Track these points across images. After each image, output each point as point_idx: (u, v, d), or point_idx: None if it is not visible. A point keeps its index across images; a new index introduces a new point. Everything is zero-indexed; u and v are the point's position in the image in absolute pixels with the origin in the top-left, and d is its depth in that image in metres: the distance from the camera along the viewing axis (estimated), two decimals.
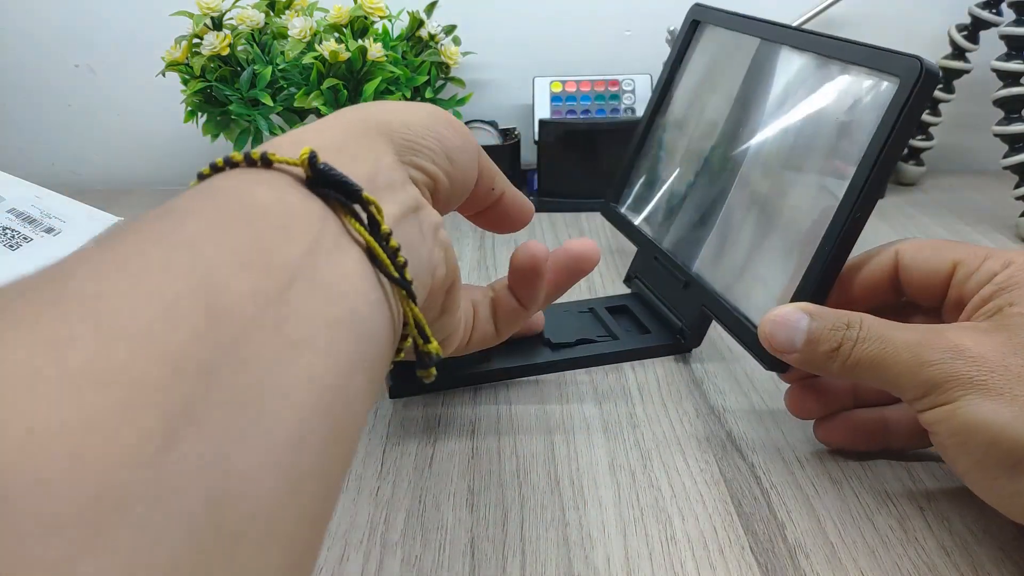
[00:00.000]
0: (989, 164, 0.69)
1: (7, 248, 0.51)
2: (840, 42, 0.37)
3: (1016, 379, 0.27)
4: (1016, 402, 0.27)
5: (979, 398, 0.27)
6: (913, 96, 0.31)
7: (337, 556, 0.30)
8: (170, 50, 0.58)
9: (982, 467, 0.28)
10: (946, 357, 0.28)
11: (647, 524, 0.31)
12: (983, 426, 0.27)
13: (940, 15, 0.70)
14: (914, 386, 0.29)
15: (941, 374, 0.28)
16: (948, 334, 0.29)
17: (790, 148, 0.40)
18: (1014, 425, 0.27)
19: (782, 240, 0.38)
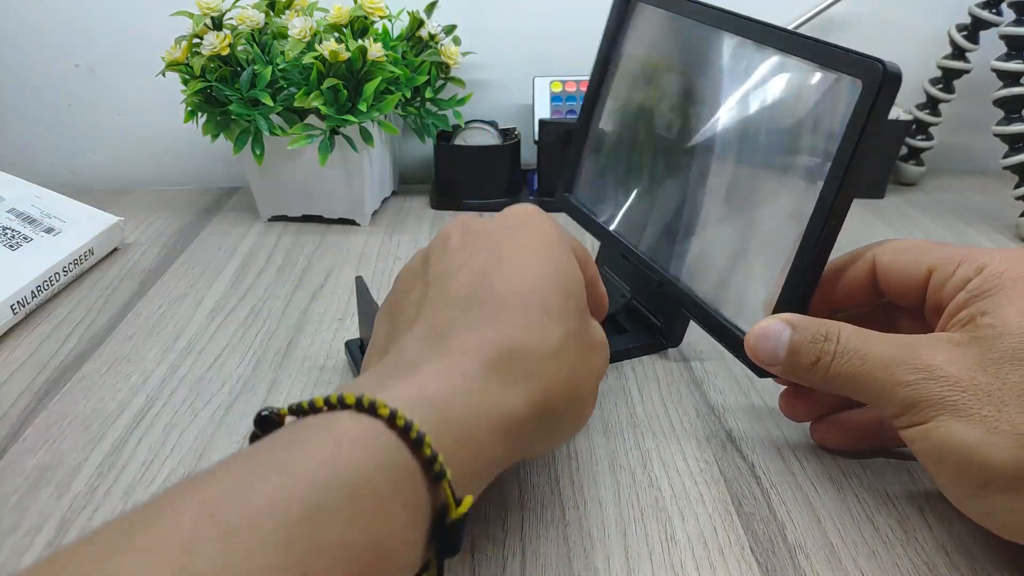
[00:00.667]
0: (989, 164, 0.69)
1: (7, 248, 0.51)
2: (796, 37, 0.35)
3: (985, 397, 0.27)
4: (984, 422, 0.27)
5: (950, 419, 0.27)
6: (878, 99, 0.30)
7: None
8: (170, 50, 0.58)
9: (957, 484, 0.28)
10: (919, 378, 0.28)
11: (647, 524, 0.31)
12: (954, 447, 0.27)
13: (940, 15, 0.70)
14: (891, 404, 0.29)
15: (915, 395, 0.28)
16: (922, 351, 0.29)
17: (758, 148, 0.39)
18: (982, 446, 0.27)
19: (761, 246, 0.37)
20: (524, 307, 0.28)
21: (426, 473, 0.22)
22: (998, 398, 0.27)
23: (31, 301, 0.49)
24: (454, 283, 0.29)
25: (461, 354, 0.26)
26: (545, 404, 0.27)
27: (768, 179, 0.38)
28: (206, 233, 0.63)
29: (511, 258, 0.29)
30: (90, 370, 0.43)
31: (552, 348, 0.27)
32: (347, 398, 0.22)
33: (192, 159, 0.75)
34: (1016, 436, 0.26)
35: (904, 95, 0.72)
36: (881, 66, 0.30)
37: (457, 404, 0.24)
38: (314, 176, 0.61)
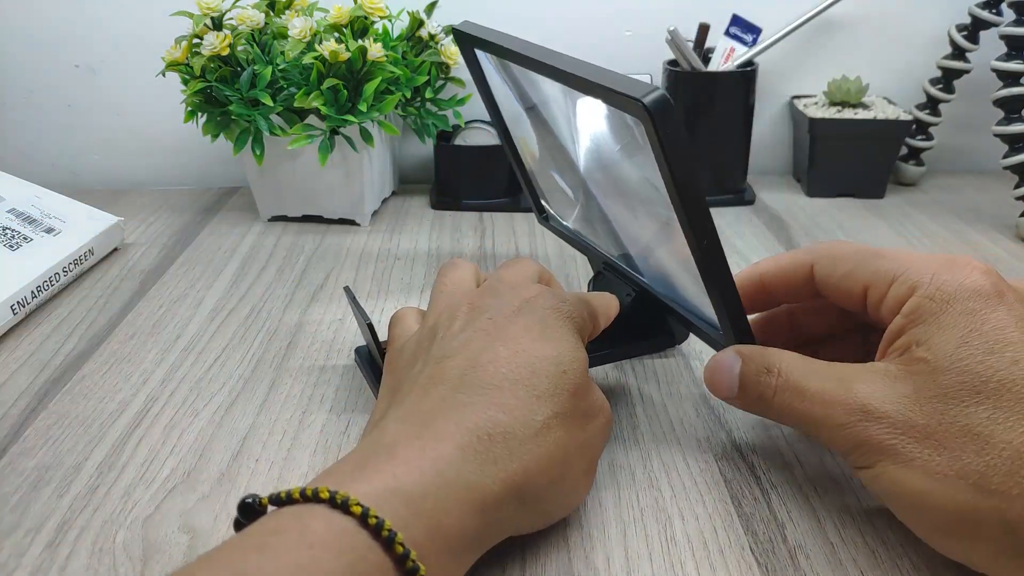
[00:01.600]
0: (989, 164, 0.69)
1: (7, 248, 0.51)
2: (578, 77, 0.32)
3: (923, 440, 0.26)
4: (925, 468, 0.26)
5: (893, 465, 0.27)
6: (658, 130, 0.28)
7: None
8: (170, 50, 0.58)
9: (915, 527, 0.28)
10: (856, 419, 0.28)
11: (647, 524, 0.31)
12: (901, 494, 0.27)
13: (940, 15, 0.70)
14: (834, 445, 0.29)
15: (853, 439, 0.28)
16: (858, 387, 0.28)
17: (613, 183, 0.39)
18: (926, 494, 0.26)
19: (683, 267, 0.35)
20: (511, 388, 0.28)
21: (399, 569, 0.22)
22: (936, 440, 0.26)
23: (31, 301, 0.49)
24: (448, 365, 0.30)
25: (438, 439, 0.26)
26: (525, 483, 0.27)
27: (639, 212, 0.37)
28: (206, 233, 0.63)
29: (507, 340, 0.30)
30: (90, 370, 0.43)
31: (535, 428, 0.28)
32: (322, 492, 0.23)
33: (192, 159, 0.75)
34: (957, 481, 0.25)
35: (904, 95, 0.72)
36: (641, 104, 0.28)
37: (430, 493, 0.24)
38: (314, 176, 0.61)
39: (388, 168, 0.68)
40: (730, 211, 0.66)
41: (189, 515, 0.32)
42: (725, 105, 0.65)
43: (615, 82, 0.30)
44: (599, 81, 0.30)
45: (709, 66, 0.67)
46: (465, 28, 0.42)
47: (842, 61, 0.71)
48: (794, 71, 0.73)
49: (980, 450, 0.25)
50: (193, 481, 0.34)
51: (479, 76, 0.45)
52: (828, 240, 0.54)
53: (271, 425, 0.38)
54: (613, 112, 0.35)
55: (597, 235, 0.45)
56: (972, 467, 0.25)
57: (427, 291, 0.52)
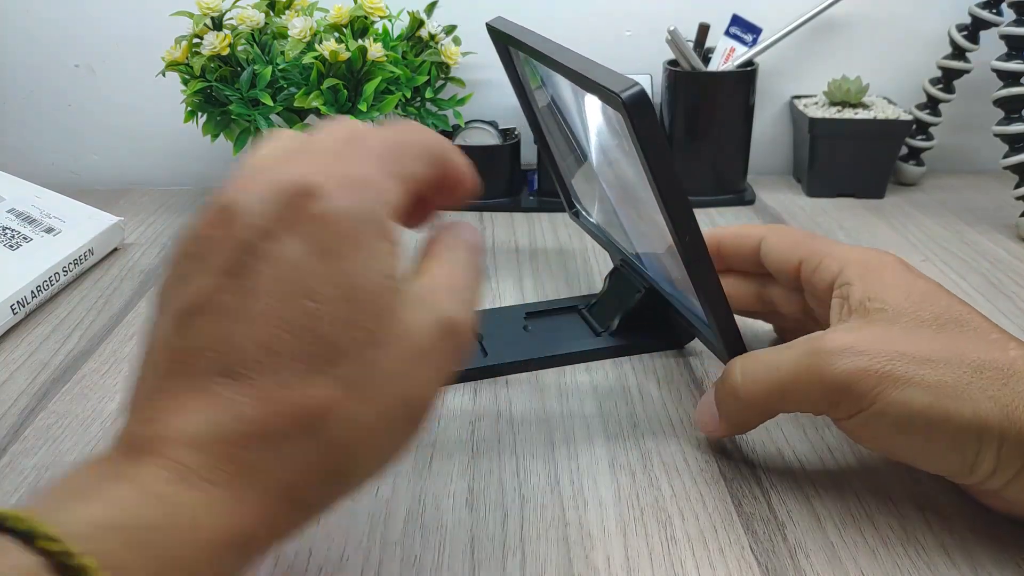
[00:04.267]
0: (989, 164, 0.69)
1: (7, 248, 0.51)
2: (569, 69, 0.32)
3: (914, 361, 0.28)
4: (928, 383, 0.28)
5: (896, 390, 0.28)
6: (635, 124, 0.28)
7: (337, 556, 0.30)
8: (170, 50, 0.58)
9: (929, 451, 0.29)
10: (844, 357, 0.29)
11: (647, 524, 0.31)
12: (914, 415, 0.28)
13: (940, 15, 0.70)
14: (824, 396, 0.30)
15: (844, 374, 0.29)
16: (831, 338, 0.30)
17: (616, 176, 0.40)
18: (938, 403, 0.28)
19: (677, 267, 0.36)
20: (273, 367, 0.20)
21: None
22: (925, 359, 0.28)
23: (31, 301, 0.49)
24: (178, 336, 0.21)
25: (180, 447, 0.19)
26: (333, 436, 0.21)
27: (641, 209, 0.38)
28: None
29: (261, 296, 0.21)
30: (90, 370, 0.43)
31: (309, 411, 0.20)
32: (9, 518, 0.17)
33: (192, 159, 0.75)
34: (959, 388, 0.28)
35: (904, 95, 0.72)
36: (619, 97, 0.28)
37: (160, 526, 0.18)
38: None
39: None
40: (730, 211, 0.66)
41: None
42: (725, 105, 0.65)
43: (599, 75, 0.30)
44: (585, 73, 0.31)
45: (709, 66, 0.67)
46: (497, 24, 0.42)
47: (842, 61, 0.71)
48: (794, 71, 0.73)
49: (962, 364, 0.28)
50: None
51: (512, 71, 0.46)
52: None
53: None
54: (607, 107, 0.35)
55: (615, 232, 0.46)
56: (964, 376, 0.28)
57: None
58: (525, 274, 0.54)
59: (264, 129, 0.57)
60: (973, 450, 0.28)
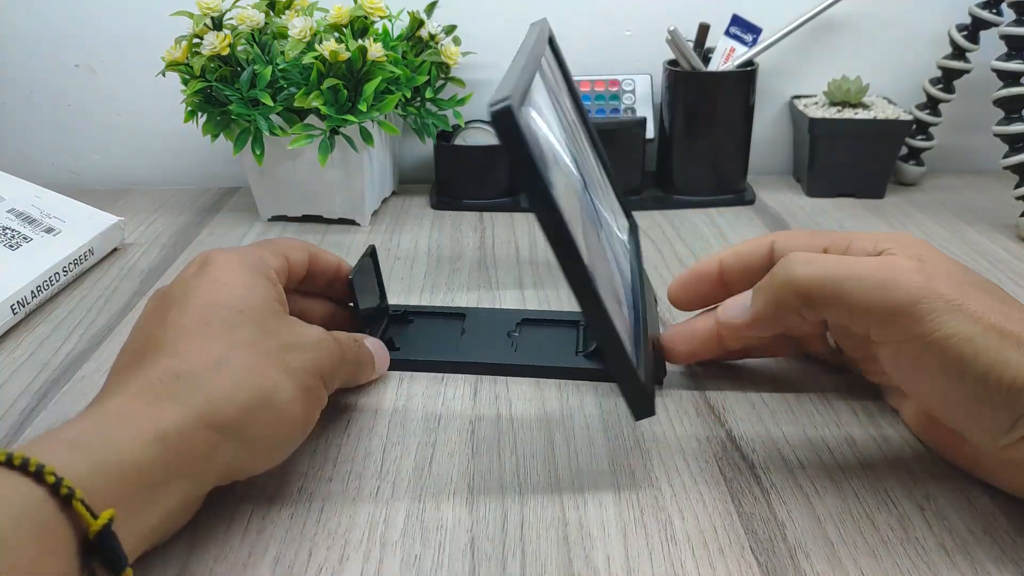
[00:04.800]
0: (989, 164, 0.69)
1: (7, 248, 0.51)
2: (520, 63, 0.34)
3: (983, 306, 0.28)
4: (992, 327, 0.27)
5: (965, 324, 0.27)
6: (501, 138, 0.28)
7: (337, 556, 0.30)
8: (170, 50, 0.58)
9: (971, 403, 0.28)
10: (917, 275, 0.29)
11: (647, 523, 0.31)
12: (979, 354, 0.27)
13: (940, 15, 0.70)
14: (887, 308, 0.29)
15: (918, 291, 0.28)
16: (906, 263, 0.30)
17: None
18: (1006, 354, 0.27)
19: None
20: (184, 336, 0.30)
21: (55, 498, 0.22)
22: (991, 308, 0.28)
23: (31, 301, 0.49)
24: (122, 352, 0.32)
25: (109, 396, 0.28)
26: (213, 414, 0.28)
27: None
28: (206, 233, 0.63)
29: (178, 305, 0.31)
30: (90, 370, 0.43)
31: (212, 362, 0.29)
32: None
33: (192, 159, 0.75)
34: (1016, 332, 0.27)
35: (904, 95, 0.72)
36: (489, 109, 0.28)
37: (88, 434, 0.25)
38: (314, 176, 0.61)
39: (388, 168, 0.68)
40: (730, 211, 0.66)
41: None
42: (725, 105, 0.65)
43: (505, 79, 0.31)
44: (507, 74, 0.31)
45: (709, 66, 0.67)
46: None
47: (842, 61, 0.71)
48: (794, 71, 0.73)
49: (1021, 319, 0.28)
50: None
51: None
52: None
53: None
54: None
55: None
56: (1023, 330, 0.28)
57: (427, 291, 0.52)
58: (525, 274, 0.54)
59: (264, 129, 0.57)
60: (1019, 409, 0.27)
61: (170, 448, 0.26)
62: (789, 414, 0.38)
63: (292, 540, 0.31)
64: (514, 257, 0.57)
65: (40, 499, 0.22)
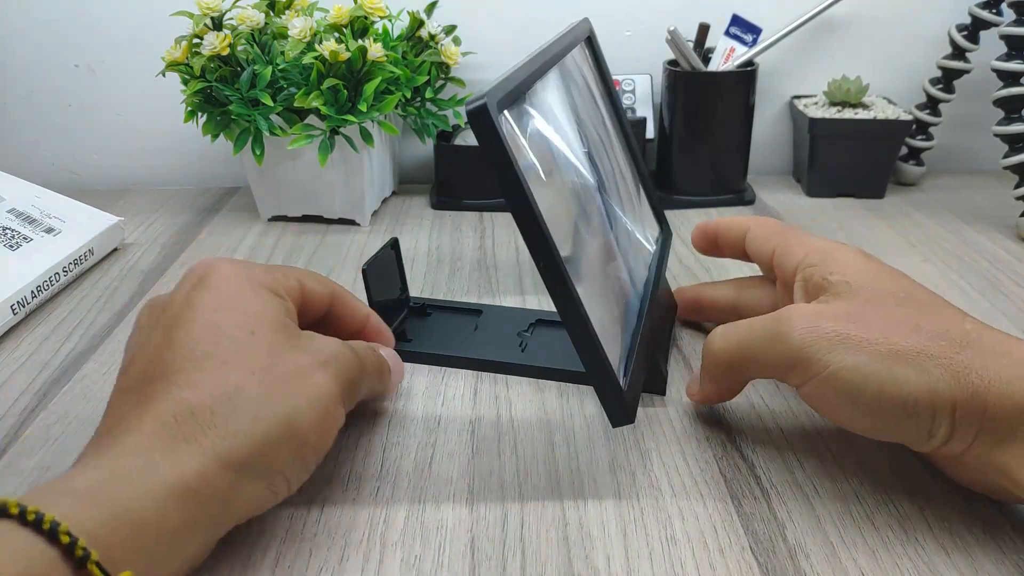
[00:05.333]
0: (989, 164, 0.69)
1: (7, 248, 0.51)
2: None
3: (868, 331, 0.30)
4: (882, 348, 0.29)
5: (851, 354, 0.29)
6: (477, 137, 0.28)
7: (337, 556, 0.30)
8: (170, 50, 0.58)
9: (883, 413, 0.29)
10: (802, 324, 0.31)
11: (647, 524, 0.31)
12: (867, 377, 0.29)
13: (940, 15, 0.70)
14: (783, 360, 0.31)
15: (801, 341, 0.30)
16: (796, 309, 0.32)
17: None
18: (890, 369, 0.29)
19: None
20: (194, 362, 0.28)
21: (70, 560, 0.21)
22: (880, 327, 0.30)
23: (31, 301, 0.49)
24: (127, 373, 0.29)
25: (124, 436, 0.26)
26: (231, 453, 0.26)
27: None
28: (206, 233, 0.63)
29: (184, 323, 0.29)
30: (90, 370, 0.43)
31: (227, 394, 0.27)
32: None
33: (192, 159, 0.75)
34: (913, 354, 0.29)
35: (904, 95, 0.72)
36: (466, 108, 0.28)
37: (107, 483, 0.24)
38: (314, 176, 0.61)
39: (388, 168, 0.68)
40: (730, 211, 0.66)
41: None
42: (725, 105, 0.65)
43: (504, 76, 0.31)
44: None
45: (709, 66, 0.67)
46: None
47: (842, 61, 0.71)
48: (794, 71, 0.73)
49: (917, 333, 0.30)
50: None
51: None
52: None
53: None
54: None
55: None
56: (918, 343, 0.29)
57: (427, 290, 0.52)
58: (525, 274, 0.54)
59: (264, 129, 0.57)
60: (927, 417, 0.29)
61: (189, 499, 0.25)
62: (789, 414, 0.38)
63: (292, 540, 0.31)
64: (514, 257, 0.57)
65: (52, 560, 0.21)
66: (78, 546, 0.21)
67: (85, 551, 0.21)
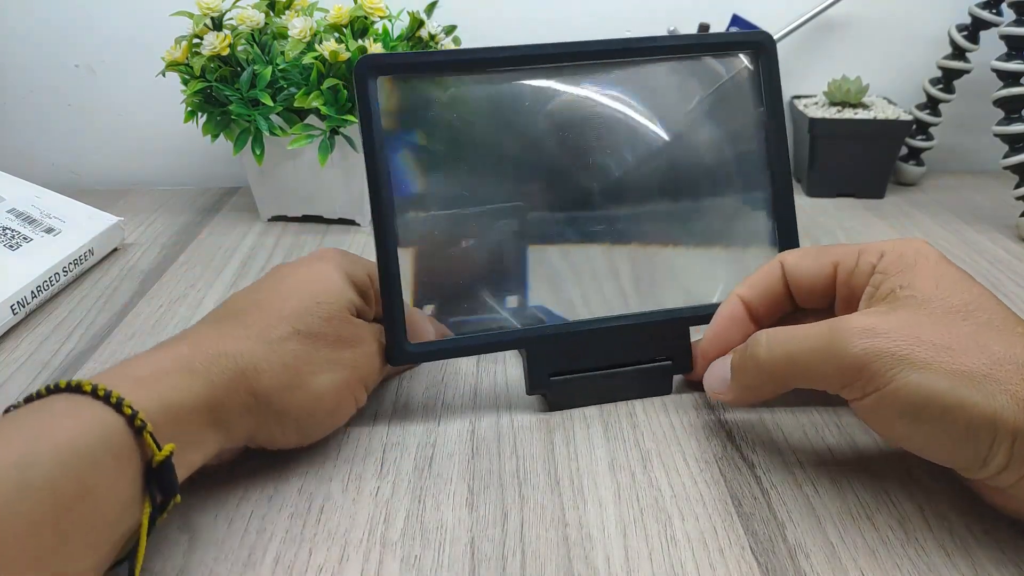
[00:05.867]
0: (989, 164, 0.69)
1: (7, 248, 0.51)
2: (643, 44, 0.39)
3: (934, 347, 0.28)
4: (945, 368, 0.28)
5: (914, 372, 0.28)
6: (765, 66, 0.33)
7: (337, 556, 0.30)
8: (170, 50, 0.58)
9: (942, 436, 0.28)
10: (863, 338, 0.29)
11: (647, 524, 0.31)
12: (930, 397, 0.28)
13: (940, 15, 0.70)
14: (839, 373, 0.30)
15: (863, 354, 0.29)
16: (854, 319, 0.31)
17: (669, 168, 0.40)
18: (953, 390, 0.27)
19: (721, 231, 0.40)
20: (257, 311, 0.34)
21: (130, 428, 0.26)
22: (946, 346, 0.28)
23: (31, 301, 0.49)
24: (224, 305, 0.35)
25: (178, 343, 0.31)
26: (255, 379, 0.31)
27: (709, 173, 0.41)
28: (206, 233, 0.63)
29: (274, 283, 0.36)
30: (90, 370, 0.43)
31: (271, 338, 0.32)
32: (60, 383, 0.27)
33: (192, 159, 0.75)
34: (977, 377, 0.28)
35: (904, 95, 0.72)
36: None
37: (155, 373, 0.29)
38: (314, 176, 0.61)
39: None
40: None
41: (189, 515, 0.32)
42: None
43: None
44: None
45: None
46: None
47: (842, 61, 0.71)
48: (794, 71, 0.73)
49: (983, 355, 0.28)
50: (193, 481, 0.34)
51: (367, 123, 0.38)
52: (828, 241, 0.54)
53: None
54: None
55: None
56: (985, 366, 0.28)
57: None
58: None
59: (264, 129, 0.57)
60: (986, 443, 0.28)
61: (220, 398, 0.30)
62: (789, 414, 0.38)
63: (292, 540, 0.31)
64: None
65: (120, 427, 0.26)
66: (138, 417, 0.26)
67: (143, 422, 0.26)
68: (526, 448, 0.36)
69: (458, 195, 0.39)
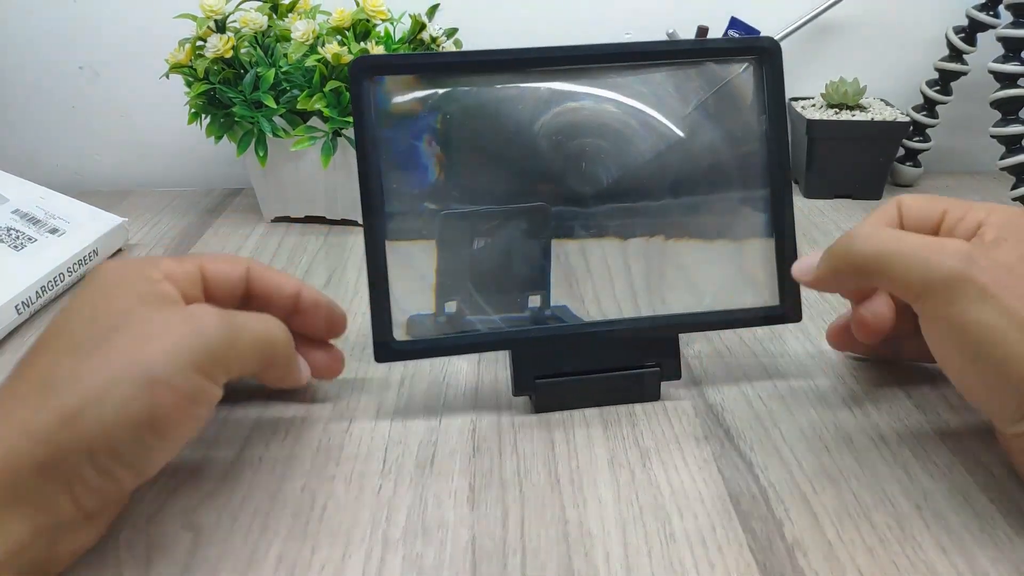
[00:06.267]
0: (986, 165, 0.70)
1: (12, 249, 0.51)
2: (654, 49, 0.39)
3: (1020, 300, 0.29)
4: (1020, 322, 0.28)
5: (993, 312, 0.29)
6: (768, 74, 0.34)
7: (339, 554, 0.30)
8: (174, 52, 0.58)
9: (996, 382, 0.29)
10: (961, 260, 0.30)
11: (646, 522, 0.32)
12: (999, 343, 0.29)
13: (937, 17, 0.70)
14: (923, 284, 0.30)
15: (955, 274, 0.30)
16: (956, 242, 0.31)
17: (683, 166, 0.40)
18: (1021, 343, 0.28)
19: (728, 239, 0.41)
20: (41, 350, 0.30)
21: None
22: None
23: (35, 301, 0.50)
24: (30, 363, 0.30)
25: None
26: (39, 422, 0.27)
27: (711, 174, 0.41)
28: (209, 234, 0.63)
29: (50, 327, 0.30)
30: None
31: (41, 379, 0.28)
32: None
33: (196, 161, 0.75)
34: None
35: (902, 97, 0.72)
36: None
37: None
38: (317, 177, 0.61)
39: None
40: None
41: (193, 513, 0.32)
42: None
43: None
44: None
45: None
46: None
47: (839, 63, 0.72)
48: (792, 73, 0.73)
49: None
50: (197, 478, 0.34)
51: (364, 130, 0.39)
52: (825, 242, 0.54)
53: (274, 423, 0.38)
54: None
55: None
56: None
57: None
58: None
59: (267, 131, 0.58)
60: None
61: (44, 446, 0.26)
62: (787, 413, 0.39)
63: (295, 538, 0.31)
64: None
65: None
66: None
67: None
68: (526, 446, 0.36)
69: (471, 193, 0.39)
